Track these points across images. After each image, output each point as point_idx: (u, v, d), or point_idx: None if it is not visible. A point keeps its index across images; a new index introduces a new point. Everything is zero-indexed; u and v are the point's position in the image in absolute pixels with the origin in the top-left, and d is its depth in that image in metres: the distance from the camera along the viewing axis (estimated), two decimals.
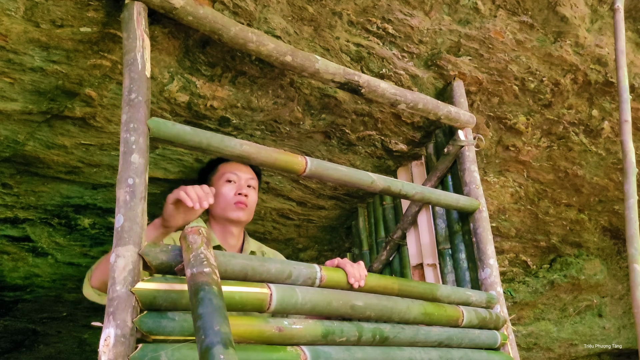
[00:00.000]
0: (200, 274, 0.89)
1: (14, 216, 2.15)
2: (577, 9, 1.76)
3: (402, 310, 1.38)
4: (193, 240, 0.99)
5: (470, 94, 1.96)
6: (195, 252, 0.96)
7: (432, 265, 2.01)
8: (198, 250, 0.96)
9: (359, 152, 2.09)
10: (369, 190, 1.62)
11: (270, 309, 1.12)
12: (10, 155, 1.78)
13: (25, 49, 1.34)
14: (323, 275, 1.25)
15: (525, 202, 2.67)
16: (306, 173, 1.42)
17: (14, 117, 1.58)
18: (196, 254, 0.95)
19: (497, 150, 2.30)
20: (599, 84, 2.06)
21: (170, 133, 1.17)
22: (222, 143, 1.24)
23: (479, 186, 1.86)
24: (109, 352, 0.90)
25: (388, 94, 1.66)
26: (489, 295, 1.68)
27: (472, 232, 1.82)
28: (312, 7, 1.51)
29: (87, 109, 1.60)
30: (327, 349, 1.18)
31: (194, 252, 0.96)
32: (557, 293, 3.42)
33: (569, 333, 3.75)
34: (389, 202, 2.24)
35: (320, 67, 1.50)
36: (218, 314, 0.81)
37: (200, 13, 1.28)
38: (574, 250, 3.16)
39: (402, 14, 1.61)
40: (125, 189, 1.05)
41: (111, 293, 0.95)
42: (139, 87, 1.14)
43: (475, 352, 1.52)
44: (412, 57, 1.77)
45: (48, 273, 2.57)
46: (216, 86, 1.64)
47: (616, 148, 2.38)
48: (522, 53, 1.85)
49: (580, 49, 1.90)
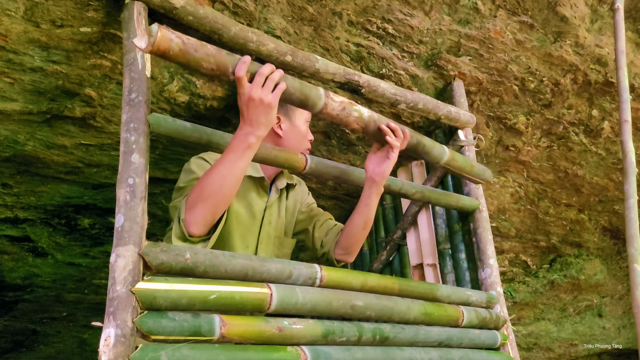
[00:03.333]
0: None
1: (14, 216, 2.15)
2: (577, 9, 1.76)
3: (402, 310, 1.38)
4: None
5: (470, 94, 1.97)
6: None
7: (432, 265, 2.01)
8: None
9: (358, 152, 2.09)
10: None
11: (270, 309, 1.12)
12: (11, 155, 1.78)
13: (25, 49, 1.34)
14: (323, 275, 1.25)
15: (525, 202, 2.67)
16: (306, 170, 1.42)
17: (14, 117, 1.58)
18: None
19: (497, 150, 2.30)
20: (599, 84, 2.06)
21: (171, 129, 1.16)
22: (222, 139, 1.24)
23: (479, 186, 1.87)
24: (109, 352, 0.90)
25: (388, 94, 1.66)
26: (489, 295, 1.68)
27: (472, 232, 1.82)
28: (312, 7, 1.51)
29: (87, 109, 1.60)
30: (327, 349, 1.18)
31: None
32: (557, 293, 3.42)
33: (569, 333, 3.75)
34: (389, 202, 2.24)
35: (320, 67, 1.50)
36: None
37: (200, 13, 1.28)
38: (574, 250, 3.16)
39: (402, 14, 1.61)
40: (126, 188, 1.05)
41: (111, 293, 0.95)
42: (139, 87, 1.14)
43: (475, 352, 1.52)
44: (412, 57, 1.77)
45: (48, 273, 2.57)
46: (216, 86, 1.64)
47: (616, 148, 2.38)
48: (522, 53, 1.85)
49: (580, 49, 1.90)
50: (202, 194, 1.17)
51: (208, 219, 1.19)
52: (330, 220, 1.72)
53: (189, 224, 1.18)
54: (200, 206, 1.17)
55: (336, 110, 1.32)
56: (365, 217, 1.52)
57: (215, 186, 1.16)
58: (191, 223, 1.18)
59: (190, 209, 1.18)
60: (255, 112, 1.14)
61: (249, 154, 1.17)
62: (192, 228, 1.18)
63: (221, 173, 1.16)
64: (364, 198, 1.50)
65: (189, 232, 1.18)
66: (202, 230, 1.19)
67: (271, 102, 1.14)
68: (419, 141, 1.53)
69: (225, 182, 1.16)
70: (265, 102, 1.13)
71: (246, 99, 1.12)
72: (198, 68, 1.09)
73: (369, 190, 1.49)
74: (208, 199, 1.17)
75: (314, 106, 1.28)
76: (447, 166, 1.64)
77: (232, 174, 1.16)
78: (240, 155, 1.16)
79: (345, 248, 1.62)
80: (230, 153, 1.16)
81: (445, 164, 1.63)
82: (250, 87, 1.12)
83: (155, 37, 1.00)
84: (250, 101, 1.12)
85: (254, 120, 1.14)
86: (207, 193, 1.17)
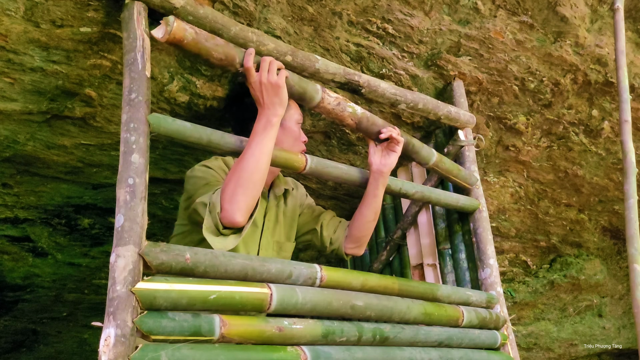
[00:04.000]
0: None
1: (14, 216, 2.15)
2: (577, 9, 1.76)
3: (402, 310, 1.38)
4: None
5: (470, 94, 1.97)
6: None
7: (432, 265, 2.01)
8: None
9: (359, 152, 2.09)
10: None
11: (270, 309, 1.12)
12: (11, 155, 1.78)
13: (25, 49, 1.34)
14: (323, 275, 1.25)
15: (525, 202, 2.67)
16: (306, 170, 1.42)
17: (14, 117, 1.58)
18: None
19: (497, 150, 2.30)
20: (599, 84, 2.06)
21: (171, 129, 1.16)
22: (222, 139, 1.24)
23: (479, 186, 1.87)
24: (109, 352, 0.90)
25: (388, 94, 1.66)
26: (489, 295, 1.68)
27: (472, 232, 1.82)
28: (312, 7, 1.51)
29: (87, 109, 1.60)
30: (327, 349, 1.18)
31: None
32: (557, 293, 3.42)
33: (569, 333, 3.75)
34: (389, 202, 2.24)
35: (320, 67, 1.50)
36: None
37: (200, 13, 1.28)
38: (574, 250, 3.16)
39: (402, 14, 1.61)
40: (126, 189, 1.05)
41: (111, 293, 0.95)
42: (139, 87, 1.14)
43: (475, 352, 1.52)
44: (412, 57, 1.77)
45: (48, 273, 2.57)
46: (216, 86, 1.64)
47: (616, 148, 2.38)
48: (522, 53, 1.85)
49: (580, 49, 1.90)
50: (239, 180, 1.23)
51: (250, 203, 1.25)
52: (335, 218, 1.79)
53: (232, 213, 1.22)
54: (240, 192, 1.23)
55: (332, 105, 1.45)
56: (374, 209, 1.61)
57: (252, 169, 1.24)
58: (235, 211, 1.22)
59: (229, 199, 1.23)
60: (269, 94, 1.27)
61: (273, 133, 1.29)
62: (237, 216, 1.22)
63: (254, 156, 1.25)
64: (372, 190, 1.58)
65: (233, 222, 1.22)
66: (245, 217, 1.25)
67: (279, 81, 1.28)
68: (408, 141, 1.64)
69: (259, 163, 1.25)
70: (274, 83, 1.27)
71: (258, 85, 1.27)
72: (208, 57, 1.21)
73: (375, 182, 1.58)
74: (248, 183, 1.23)
75: (311, 100, 1.40)
76: (435, 167, 1.75)
77: (263, 153, 1.26)
78: (266, 135, 1.27)
79: (356, 241, 1.71)
80: (257, 136, 1.27)
81: (433, 166, 1.72)
82: (258, 74, 1.27)
83: (172, 27, 1.14)
84: (262, 85, 1.27)
85: (269, 102, 1.28)
86: (246, 178, 1.23)
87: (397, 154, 1.57)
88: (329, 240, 1.74)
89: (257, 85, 1.27)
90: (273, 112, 1.28)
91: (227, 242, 1.27)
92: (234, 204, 1.22)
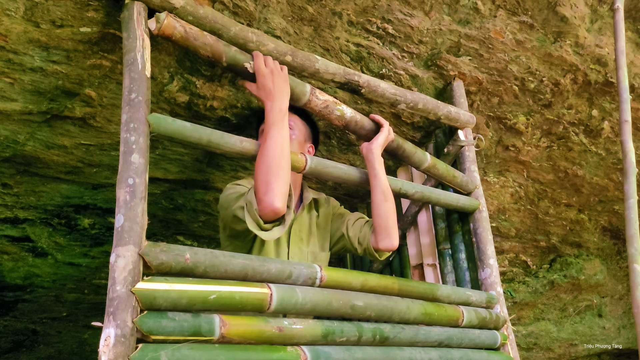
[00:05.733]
0: None
1: (14, 216, 2.15)
2: (577, 9, 1.76)
3: (402, 310, 1.38)
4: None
5: (470, 94, 1.97)
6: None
7: (432, 265, 2.01)
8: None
9: (358, 152, 2.09)
10: (369, 188, 1.62)
11: (270, 309, 1.12)
12: (10, 155, 1.78)
13: (25, 49, 1.34)
14: (323, 275, 1.25)
15: (525, 202, 2.67)
16: (306, 170, 1.42)
17: (14, 117, 1.58)
18: None
19: (497, 150, 2.30)
20: (599, 84, 2.06)
21: (171, 129, 1.17)
22: (222, 139, 1.24)
23: (479, 186, 1.87)
24: (109, 352, 0.90)
25: (388, 94, 1.66)
26: (489, 295, 1.68)
27: (472, 232, 1.82)
28: (312, 7, 1.51)
29: (87, 109, 1.60)
30: (327, 349, 1.18)
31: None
32: (557, 293, 3.42)
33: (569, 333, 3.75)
34: None
35: (320, 67, 1.50)
36: None
37: (200, 13, 1.28)
38: (574, 250, 3.16)
39: (402, 14, 1.61)
40: (126, 189, 1.05)
41: (111, 293, 0.95)
42: (139, 87, 1.14)
43: (475, 352, 1.52)
44: (412, 57, 1.77)
45: (48, 273, 2.57)
46: (216, 86, 1.64)
47: (616, 148, 2.38)
48: (522, 53, 1.85)
49: (580, 49, 1.90)
50: (269, 170, 1.27)
51: (284, 188, 1.29)
52: (361, 218, 1.75)
53: (270, 202, 1.26)
54: (272, 180, 1.27)
55: (319, 107, 1.51)
56: (381, 188, 1.57)
57: (278, 156, 1.29)
58: (272, 199, 1.26)
59: (265, 190, 1.27)
60: (277, 81, 1.35)
61: (286, 120, 1.36)
62: (276, 202, 1.26)
63: (277, 143, 1.30)
64: (370, 170, 1.59)
65: (273, 209, 1.26)
66: (284, 202, 1.28)
67: (284, 69, 1.39)
68: (399, 145, 1.67)
69: (283, 150, 1.31)
70: (277, 70, 1.36)
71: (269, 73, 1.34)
72: (196, 52, 1.28)
73: (370, 162, 1.59)
74: (278, 169, 1.28)
75: (298, 99, 1.46)
76: (428, 172, 1.73)
77: (284, 139, 1.32)
78: (282, 124, 1.34)
79: (382, 231, 1.59)
80: (274, 126, 1.32)
81: (425, 170, 1.73)
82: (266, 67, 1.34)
83: (162, 24, 1.21)
84: (271, 73, 1.34)
85: (279, 89, 1.35)
86: (275, 164, 1.28)
87: (382, 134, 1.61)
88: (357, 240, 1.68)
89: (268, 74, 1.34)
90: (283, 100, 1.35)
91: (273, 233, 1.32)
92: (269, 192, 1.26)
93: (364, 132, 1.62)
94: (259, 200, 1.27)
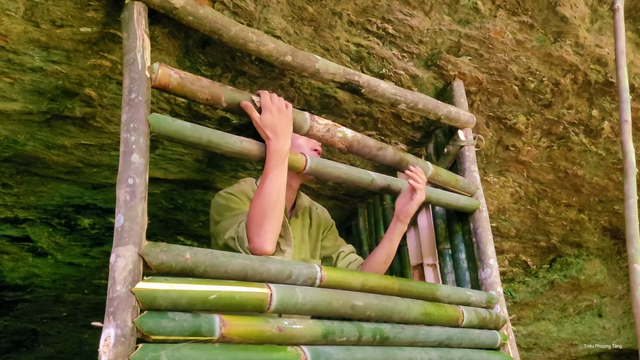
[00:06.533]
0: None
1: (14, 216, 2.15)
2: (577, 9, 1.76)
3: (402, 310, 1.38)
4: None
5: (470, 94, 1.97)
6: None
7: (432, 265, 2.01)
8: None
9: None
10: (369, 188, 1.62)
11: (270, 309, 1.12)
12: (11, 155, 1.78)
13: (25, 49, 1.34)
14: (323, 275, 1.25)
15: (525, 202, 2.67)
16: (306, 170, 1.42)
17: (14, 117, 1.58)
18: None
19: (497, 150, 2.30)
20: (599, 84, 2.06)
21: (171, 129, 1.16)
22: (222, 139, 1.24)
23: (478, 186, 1.87)
24: (109, 352, 0.90)
25: (388, 94, 1.66)
26: (489, 295, 1.68)
27: (472, 232, 1.82)
28: (312, 7, 1.51)
29: (87, 109, 1.60)
30: (327, 349, 1.18)
31: None
32: (557, 293, 3.42)
33: (569, 333, 3.76)
34: (389, 202, 2.24)
35: (320, 67, 1.50)
36: None
37: (200, 13, 1.28)
38: (574, 250, 3.16)
39: (402, 14, 1.61)
40: (126, 189, 1.05)
41: (111, 293, 0.95)
42: (139, 87, 1.14)
43: (475, 352, 1.52)
44: (412, 57, 1.77)
45: (48, 273, 2.57)
46: None
47: (616, 148, 2.38)
48: (522, 53, 1.85)
49: (580, 49, 1.90)
50: (264, 212, 1.27)
51: (276, 232, 1.29)
52: (353, 254, 1.81)
53: (260, 245, 1.25)
54: (266, 223, 1.26)
55: (321, 132, 1.47)
56: (388, 251, 1.65)
57: (274, 200, 1.28)
58: (263, 243, 1.26)
59: (256, 232, 1.26)
60: (281, 122, 1.31)
61: (286, 164, 1.34)
62: (266, 246, 1.26)
63: (275, 187, 1.29)
64: (388, 233, 1.65)
65: (263, 252, 1.25)
66: (274, 245, 1.28)
67: (289, 107, 1.35)
68: (402, 158, 1.66)
69: (280, 195, 1.29)
70: (283, 108, 1.33)
71: (276, 111, 1.31)
72: (195, 98, 1.23)
73: (393, 226, 1.64)
74: (272, 213, 1.27)
75: (300, 128, 1.42)
76: (432, 181, 1.75)
77: (282, 183, 1.31)
78: (282, 167, 1.31)
79: None
80: (274, 168, 1.30)
81: (429, 179, 1.72)
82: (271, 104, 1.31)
83: (156, 74, 1.16)
84: (277, 112, 1.31)
85: (281, 131, 1.30)
86: (270, 209, 1.27)
87: (414, 202, 1.58)
88: None
89: (275, 111, 1.30)
90: (287, 140, 1.32)
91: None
92: (261, 235, 1.26)
93: (367, 150, 1.60)
94: (249, 239, 1.27)
